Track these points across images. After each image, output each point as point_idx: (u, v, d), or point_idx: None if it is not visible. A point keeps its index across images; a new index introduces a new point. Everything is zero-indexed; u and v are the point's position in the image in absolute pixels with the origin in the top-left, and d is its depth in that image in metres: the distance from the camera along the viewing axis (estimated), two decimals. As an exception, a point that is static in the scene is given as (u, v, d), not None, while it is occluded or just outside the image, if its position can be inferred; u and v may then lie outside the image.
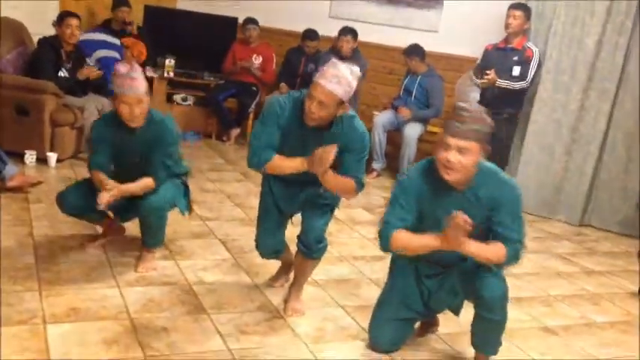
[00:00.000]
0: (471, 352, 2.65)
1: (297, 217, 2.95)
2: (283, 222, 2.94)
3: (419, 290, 2.61)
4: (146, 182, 3.00)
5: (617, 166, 5.05)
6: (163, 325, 2.65)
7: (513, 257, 2.35)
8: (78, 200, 3.06)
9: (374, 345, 2.67)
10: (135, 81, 2.85)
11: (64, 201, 3.10)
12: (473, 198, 2.37)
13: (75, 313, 2.65)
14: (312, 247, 2.81)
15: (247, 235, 3.80)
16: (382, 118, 5.78)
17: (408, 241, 2.37)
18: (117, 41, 5.69)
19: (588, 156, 5.07)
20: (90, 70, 4.89)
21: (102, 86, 5.02)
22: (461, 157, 2.26)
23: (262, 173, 2.82)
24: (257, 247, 2.97)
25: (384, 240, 2.42)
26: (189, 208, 3.32)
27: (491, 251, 2.32)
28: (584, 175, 5.10)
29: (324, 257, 3.52)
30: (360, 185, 2.65)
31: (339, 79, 2.45)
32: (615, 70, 4.94)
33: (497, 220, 2.36)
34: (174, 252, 3.42)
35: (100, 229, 3.46)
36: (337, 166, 2.61)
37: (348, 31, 5.76)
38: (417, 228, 2.41)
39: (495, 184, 2.38)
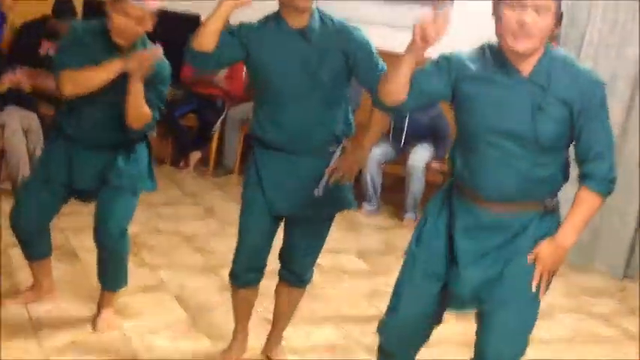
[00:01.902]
0: None
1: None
2: (273, 227, 2.88)
3: (446, 252, 2.39)
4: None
5: (668, 205, 5.10)
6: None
7: (608, 195, 2.29)
8: (36, 213, 3.13)
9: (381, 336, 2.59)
10: None
11: (20, 217, 3.14)
12: (540, 86, 2.22)
13: (-13, 389, 2.60)
14: (302, 276, 2.97)
15: (208, 287, 3.78)
16: (375, 152, 5.65)
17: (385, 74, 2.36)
18: None
19: (632, 193, 5.06)
20: (11, 78, 4.80)
21: (24, 97, 5.00)
22: (538, 19, 2.12)
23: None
24: (235, 260, 2.92)
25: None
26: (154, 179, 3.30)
27: (586, 212, 2.28)
28: (629, 218, 5.12)
29: (305, 316, 3.54)
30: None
31: None
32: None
33: (579, 128, 2.22)
34: (117, 310, 3.38)
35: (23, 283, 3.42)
36: (332, 86, 2.68)
37: None
38: (472, 117, 2.28)
39: (571, 75, 2.23)
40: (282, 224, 2.92)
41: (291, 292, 3.02)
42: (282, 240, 2.95)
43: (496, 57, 2.25)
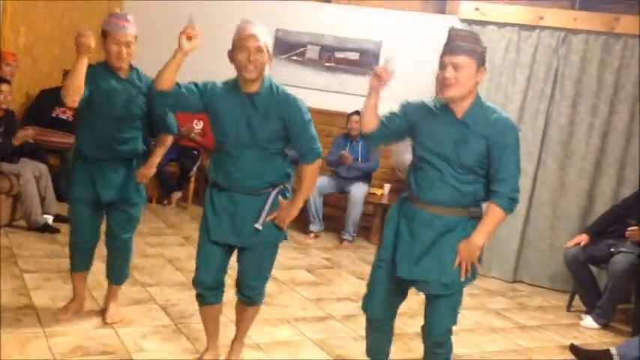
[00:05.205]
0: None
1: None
2: (226, 254, 2.78)
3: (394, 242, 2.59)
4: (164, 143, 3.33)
5: (544, 224, 5.29)
6: (101, 397, 2.56)
7: (509, 210, 2.45)
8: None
9: (365, 311, 2.72)
10: (129, 23, 2.95)
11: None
12: (468, 125, 2.44)
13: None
14: (250, 295, 2.84)
15: (188, 299, 3.76)
16: (317, 181, 5.80)
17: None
18: None
19: (517, 215, 5.22)
20: (26, 134, 4.73)
21: (36, 151, 4.97)
22: (456, 73, 2.38)
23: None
24: (195, 278, 2.79)
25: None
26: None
27: (492, 221, 2.44)
28: (514, 234, 5.29)
29: (266, 319, 3.56)
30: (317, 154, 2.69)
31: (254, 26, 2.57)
32: (537, 134, 5.23)
33: (492, 157, 2.43)
34: (115, 320, 3.32)
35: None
36: (276, 138, 2.62)
37: None
38: (419, 144, 2.53)
39: (491, 119, 2.43)
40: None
41: (246, 310, 2.92)
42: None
43: (443, 103, 2.50)
